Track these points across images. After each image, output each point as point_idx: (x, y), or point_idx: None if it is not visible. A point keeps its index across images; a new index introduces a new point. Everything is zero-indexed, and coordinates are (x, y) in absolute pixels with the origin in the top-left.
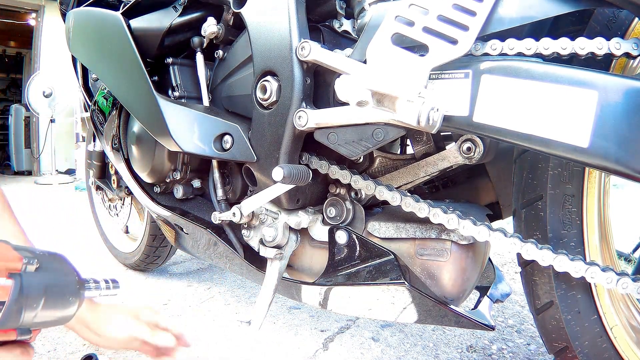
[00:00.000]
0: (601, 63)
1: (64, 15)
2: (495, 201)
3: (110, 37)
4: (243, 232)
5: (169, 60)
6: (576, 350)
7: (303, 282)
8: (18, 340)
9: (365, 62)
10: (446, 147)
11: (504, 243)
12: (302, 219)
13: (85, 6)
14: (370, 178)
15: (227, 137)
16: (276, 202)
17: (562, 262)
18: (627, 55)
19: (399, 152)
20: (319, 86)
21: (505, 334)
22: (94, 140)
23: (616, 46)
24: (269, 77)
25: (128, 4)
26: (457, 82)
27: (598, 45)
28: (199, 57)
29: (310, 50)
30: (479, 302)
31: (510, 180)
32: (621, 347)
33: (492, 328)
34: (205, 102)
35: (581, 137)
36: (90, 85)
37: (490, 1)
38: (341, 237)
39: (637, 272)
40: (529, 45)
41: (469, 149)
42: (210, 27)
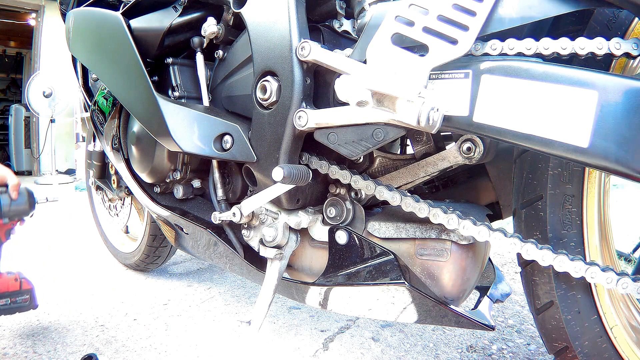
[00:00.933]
0: (601, 63)
1: (64, 15)
2: (495, 201)
3: (110, 37)
4: (243, 232)
5: (169, 60)
6: (576, 350)
7: (303, 282)
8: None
9: (365, 62)
10: (446, 147)
11: (504, 243)
12: (302, 219)
13: (85, 6)
14: (370, 178)
15: (227, 137)
16: (276, 202)
17: (562, 262)
18: (627, 55)
19: (399, 152)
20: (319, 86)
21: (505, 334)
22: (94, 140)
23: (616, 46)
24: (269, 77)
25: (128, 4)
26: (457, 82)
27: (598, 45)
28: (199, 57)
29: (310, 50)
30: (479, 302)
31: (510, 180)
32: (621, 347)
33: (492, 328)
34: (205, 102)
35: (581, 137)
36: (90, 85)
37: (490, 1)
38: (341, 237)
39: (637, 272)
40: (529, 45)
41: (469, 149)
42: (210, 27)
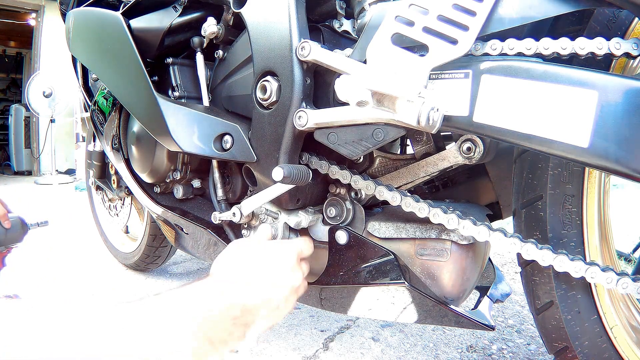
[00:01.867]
0: (601, 63)
1: (64, 15)
2: (495, 201)
3: (110, 37)
4: (243, 232)
5: (169, 60)
6: (576, 350)
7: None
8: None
9: (365, 62)
10: (446, 147)
11: (504, 243)
12: (302, 219)
13: (85, 6)
14: (370, 178)
15: (227, 137)
16: (276, 202)
17: (562, 262)
18: (627, 55)
19: (399, 152)
20: (319, 86)
21: (505, 334)
22: (94, 140)
23: (616, 46)
24: (269, 77)
25: (128, 4)
26: (457, 82)
27: (598, 45)
28: (199, 57)
29: (310, 50)
30: (479, 302)
31: (510, 180)
32: (621, 347)
33: (492, 328)
34: (205, 102)
35: (581, 137)
36: (90, 85)
37: (490, 1)
38: (341, 237)
39: (637, 272)
40: (529, 45)
41: (469, 149)
42: (210, 27)
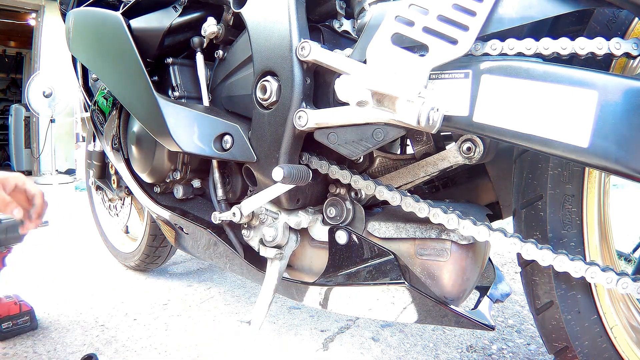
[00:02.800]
0: (601, 63)
1: (64, 15)
2: (495, 201)
3: (110, 37)
4: (243, 232)
5: (169, 60)
6: (576, 350)
7: (303, 282)
8: None
9: (365, 62)
10: (446, 147)
11: (504, 243)
12: (302, 219)
13: (85, 6)
14: (370, 178)
15: (227, 137)
16: (276, 202)
17: (562, 262)
18: (627, 55)
19: (399, 152)
20: (319, 86)
21: (505, 334)
22: (94, 140)
23: (616, 46)
24: (269, 77)
25: (128, 4)
26: (457, 82)
27: (598, 45)
28: (199, 57)
29: (310, 50)
30: (479, 302)
31: (510, 180)
32: (621, 347)
33: (492, 328)
34: (205, 102)
35: (581, 137)
36: (90, 85)
37: (490, 1)
38: (341, 237)
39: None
40: (529, 45)
41: (469, 149)
42: (210, 27)
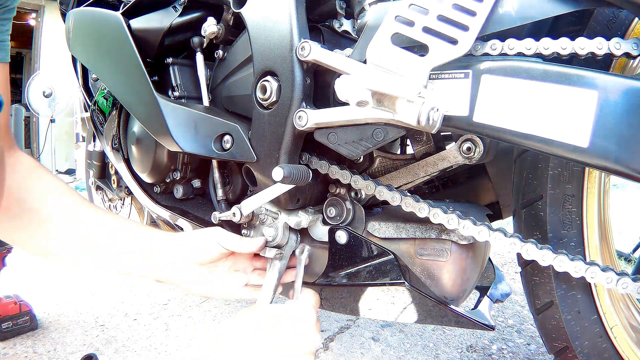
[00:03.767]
0: (601, 63)
1: (64, 15)
2: (495, 201)
3: (110, 37)
4: (243, 232)
5: (169, 60)
6: (576, 350)
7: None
8: None
9: (365, 62)
10: (446, 147)
11: (504, 243)
12: (302, 219)
13: (85, 6)
14: (370, 178)
15: (227, 137)
16: (276, 202)
17: (562, 262)
18: (627, 55)
19: (399, 152)
20: (319, 86)
21: (505, 334)
22: (94, 140)
23: (616, 46)
24: (269, 77)
25: (128, 4)
26: (457, 82)
27: (598, 45)
28: (199, 57)
29: (310, 50)
30: (479, 302)
31: (510, 180)
32: (621, 347)
33: (492, 328)
34: (205, 102)
35: (581, 137)
36: (90, 85)
37: (490, 1)
38: (341, 237)
39: (637, 272)
40: (529, 45)
41: (469, 149)
42: (210, 27)
